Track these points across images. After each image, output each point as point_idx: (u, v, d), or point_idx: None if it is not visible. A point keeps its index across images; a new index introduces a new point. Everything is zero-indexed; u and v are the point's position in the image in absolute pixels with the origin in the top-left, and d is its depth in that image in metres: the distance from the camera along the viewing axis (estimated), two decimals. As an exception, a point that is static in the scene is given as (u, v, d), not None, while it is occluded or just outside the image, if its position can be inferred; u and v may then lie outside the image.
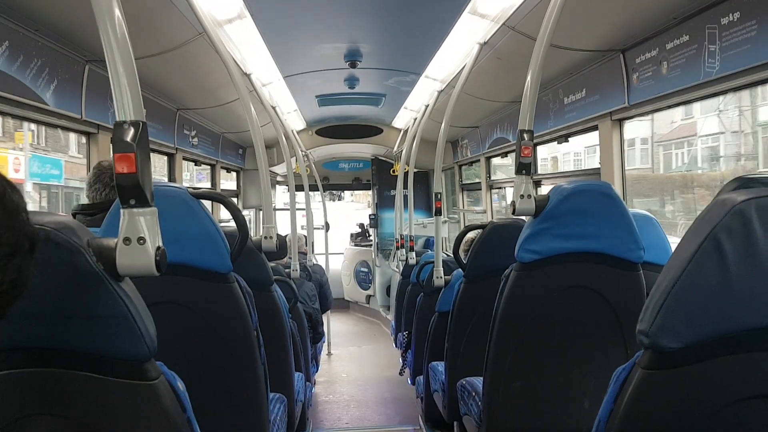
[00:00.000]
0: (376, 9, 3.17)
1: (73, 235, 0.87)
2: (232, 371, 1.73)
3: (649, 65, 2.65)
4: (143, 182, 1.00)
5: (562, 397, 1.91)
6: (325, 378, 5.58)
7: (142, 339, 0.92)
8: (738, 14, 2.06)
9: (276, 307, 2.39)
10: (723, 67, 2.16)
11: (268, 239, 2.63)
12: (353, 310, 9.14)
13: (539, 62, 1.86)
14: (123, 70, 1.04)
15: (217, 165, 5.52)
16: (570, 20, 2.35)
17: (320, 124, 6.90)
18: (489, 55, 3.31)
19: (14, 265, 0.62)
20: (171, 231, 1.29)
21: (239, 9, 2.83)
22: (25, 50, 2.34)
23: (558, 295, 1.84)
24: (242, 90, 2.59)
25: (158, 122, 3.89)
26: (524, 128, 1.83)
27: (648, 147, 4.19)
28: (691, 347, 0.87)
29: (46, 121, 2.63)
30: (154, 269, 1.00)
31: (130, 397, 0.92)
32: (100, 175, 2.07)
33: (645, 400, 0.90)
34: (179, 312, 1.65)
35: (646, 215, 2.35)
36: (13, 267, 0.62)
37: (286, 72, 4.20)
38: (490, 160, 5.57)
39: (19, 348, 0.89)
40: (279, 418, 2.18)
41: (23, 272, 0.64)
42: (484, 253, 2.57)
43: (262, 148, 2.73)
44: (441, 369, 2.95)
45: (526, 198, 1.79)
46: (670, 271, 0.89)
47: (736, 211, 0.85)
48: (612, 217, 1.80)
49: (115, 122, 1.02)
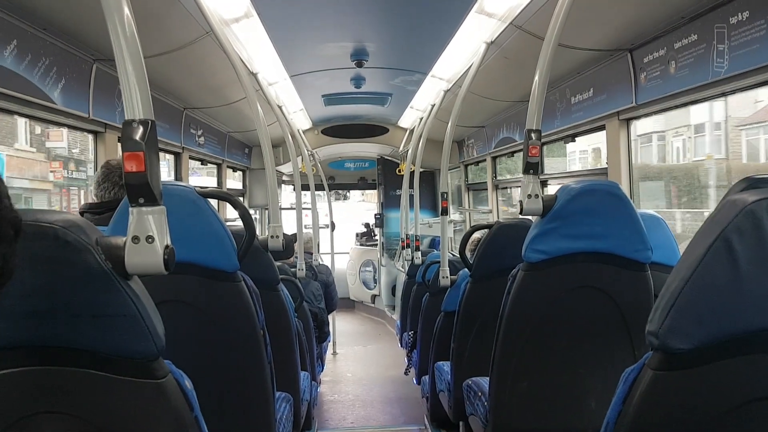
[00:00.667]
0: (382, 8, 3.16)
1: (81, 234, 0.88)
2: (239, 370, 1.73)
3: (657, 65, 2.64)
4: (152, 181, 1.00)
5: (568, 397, 1.90)
6: (331, 377, 5.58)
7: (150, 337, 0.92)
8: (747, 13, 2.05)
9: (282, 306, 2.39)
10: (732, 66, 2.15)
11: (275, 238, 2.63)
12: (359, 309, 9.14)
13: (547, 62, 1.86)
14: (132, 68, 1.04)
15: (223, 164, 5.53)
16: (578, 19, 2.33)
17: (326, 124, 6.90)
18: (496, 55, 3.31)
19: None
20: (178, 230, 1.29)
21: (246, 8, 2.83)
22: (32, 49, 2.34)
23: (565, 296, 1.84)
24: (249, 89, 2.59)
25: (165, 121, 3.90)
26: (532, 128, 1.82)
27: (721, 133, 3.48)
28: (701, 348, 0.86)
29: (54, 120, 2.64)
30: (163, 268, 1.00)
31: (137, 396, 0.92)
32: (109, 174, 2.08)
33: (654, 402, 0.89)
34: (187, 311, 1.65)
35: (653, 215, 2.34)
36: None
37: (293, 71, 4.20)
38: (496, 160, 5.56)
39: (28, 346, 0.89)
40: (285, 417, 2.18)
41: (8, 260, 0.62)
42: (491, 253, 2.56)
43: (269, 147, 2.73)
44: (447, 369, 2.95)
45: (533, 198, 1.79)
46: (680, 271, 0.88)
47: (747, 211, 0.84)
48: (620, 217, 1.80)
49: (124, 121, 1.02)
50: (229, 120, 5.11)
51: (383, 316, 8.34)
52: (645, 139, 3.77)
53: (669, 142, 3.95)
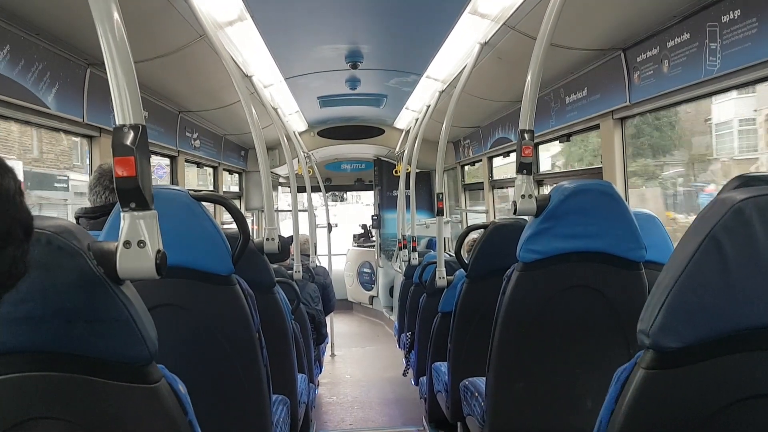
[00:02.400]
0: (376, 10, 3.17)
1: (73, 239, 0.88)
2: (234, 373, 1.73)
3: (650, 64, 2.65)
4: (143, 185, 1.00)
5: (564, 397, 1.90)
6: (329, 379, 5.58)
7: (143, 342, 0.92)
8: (738, 12, 2.05)
9: (278, 308, 2.39)
10: (724, 65, 2.16)
11: (270, 241, 2.63)
12: (356, 311, 9.14)
13: (539, 62, 1.86)
14: (122, 73, 1.04)
15: (219, 167, 5.53)
16: (570, 19, 2.34)
17: (322, 126, 6.90)
18: (490, 55, 3.31)
19: (7, 255, 0.58)
20: (172, 233, 1.29)
21: (240, 11, 2.83)
22: (26, 54, 2.34)
23: (560, 295, 1.84)
24: (243, 92, 2.59)
25: (160, 125, 3.90)
26: (525, 128, 1.83)
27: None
28: (692, 347, 0.87)
29: (48, 125, 2.63)
30: (155, 272, 1.00)
31: (131, 401, 0.92)
32: (101, 178, 2.08)
33: (646, 400, 0.89)
34: (181, 314, 1.65)
35: (648, 214, 2.35)
36: (5, 257, 0.58)
37: (288, 73, 4.21)
38: (491, 160, 5.57)
39: (21, 351, 0.89)
40: (282, 419, 2.18)
41: (17, 262, 0.59)
42: (486, 254, 2.57)
43: (264, 149, 2.73)
44: (444, 369, 2.95)
45: (527, 198, 1.79)
46: (671, 270, 0.89)
47: (736, 210, 0.84)
48: (613, 216, 1.80)
49: (114, 126, 1.02)
50: (224, 123, 5.11)
51: (381, 318, 8.34)
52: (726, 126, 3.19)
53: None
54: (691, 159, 3.69)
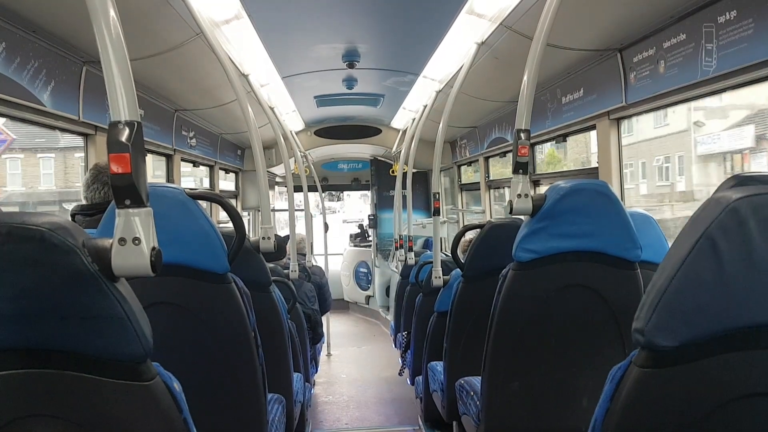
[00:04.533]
0: (373, 9, 3.17)
1: (68, 236, 0.87)
2: (230, 372, 1.73)
3: (646, 64, 2.66)
4: (138, 182, 1.00)
5: (560, 396, 1.91)
6: (325, 379, 5.58)
7: (137, 340, 0.92)
8: (734, 12, 2.06)
9: (274, 307, 2.39)
10: (720, 65, 2.16)
11: (266, 240, 2.63)
12: (353, 310, 9.14)
13: (536, 62, 1.86)
14: (117, 70, 1.04)
15: (215, 166, 5.52)
16: (567, 20, 2.35)
17: (319, 125, 6.90)
18: (486, 55, 3.31)
19: None
20: (168, 231, 1.29)
21: (236, 10, 2.82)
22: (22, 52, 2.33)
23: (555, 295, 1.84)
24: (239, 91, 2.59)
25: (156, 123, 3.89)
26: (521, 128, 1.83)
27: None
28: (687, 346, 0.87)
29: (44, 123, 2.62)
30: (150, 270, 1.00)
31: (125, 398, 0.92)
32: (98, 175, 2.08)
33: (641, 399, 0.90)
34: (176, 312, 1.65)
35: (644, 214, 2.35)
36: None
37: (285, 73, 4.20)
38: (488, 160, 5.57)
39: (15, 349, 0.89)
40: (277, 418, 2.18)
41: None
42: (483, 253, 2.57)
43: (260, 149, 2.72)
44: (440, 369, 2.95)
45: (523, 197, 1.79)
46: (666, 269, 0.89)
47: (731, 209, 0.85)
48: (609, 216, 1.81)
49: (109, 122, 1.01)
50: (221, 122, 5.10)
51: (377, 317, 8.34)
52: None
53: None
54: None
